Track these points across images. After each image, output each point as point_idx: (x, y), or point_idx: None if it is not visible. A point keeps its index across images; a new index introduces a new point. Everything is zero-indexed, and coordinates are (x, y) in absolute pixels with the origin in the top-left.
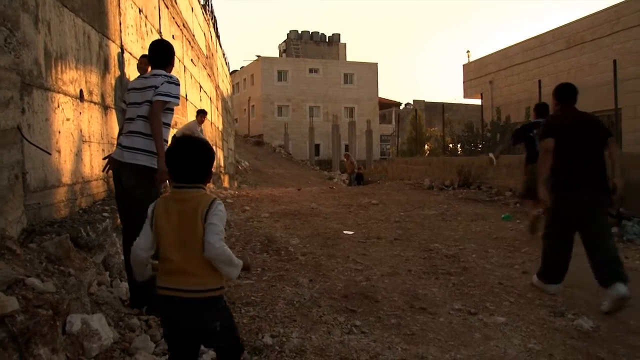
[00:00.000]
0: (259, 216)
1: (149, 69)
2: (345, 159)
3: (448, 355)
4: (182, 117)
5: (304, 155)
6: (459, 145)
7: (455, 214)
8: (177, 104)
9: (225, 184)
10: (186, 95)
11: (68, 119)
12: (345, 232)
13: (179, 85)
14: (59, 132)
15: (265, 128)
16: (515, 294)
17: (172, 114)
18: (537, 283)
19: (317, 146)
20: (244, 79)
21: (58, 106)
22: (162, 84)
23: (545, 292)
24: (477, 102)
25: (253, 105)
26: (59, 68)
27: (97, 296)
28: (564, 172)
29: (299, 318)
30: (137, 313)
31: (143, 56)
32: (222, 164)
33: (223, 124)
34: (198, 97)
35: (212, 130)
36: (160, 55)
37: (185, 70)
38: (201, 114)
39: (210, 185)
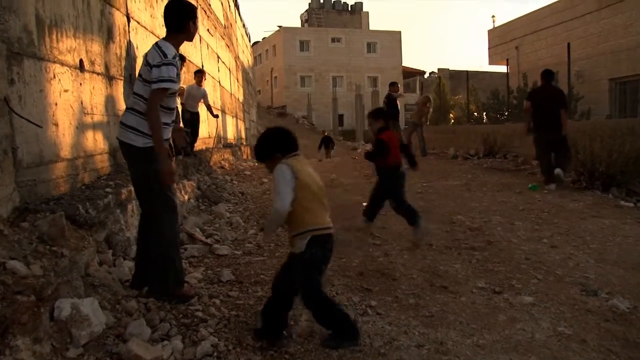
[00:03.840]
0: None
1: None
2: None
3: (470, 340)
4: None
5: (328, 126)
6: (484, 114)
7: (480, 184)
8: (177, 88)
9: (245, 155)
10: (202, 66)
11: (66, 90)
12: (365, 204)
13: (175, 64)
14: (56, 104)
15: (288, 99)
16: (543, 270)
17: (175, 97)
18: (547, 187)
19: (341, 116)
20: (266, 50)
21: (54, 77)
22: (156, 65)
23: (549, 189)
24: (503, 69)
25: (276, 77)
26: (54, 36)
27: (93, 277)
28: (537, 120)
29: None
30: (136, 295)
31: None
32: (243, 135)
33: (244, 95)
34: (216, 67)
35: (232, 101)
36: (168, 17)
37: (202, 40)
38: (199, 74)
39: (230, 157)
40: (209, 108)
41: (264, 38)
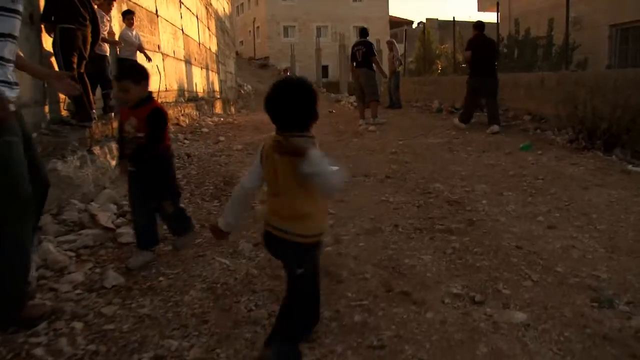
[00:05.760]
0: (230, 148)
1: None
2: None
3: None
4: (151, 36)
5: (312, 78)
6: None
7: (465, 143)
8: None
9: (218, 109)
10: (156, 10)
11: None
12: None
13: None
14: None
15: (271, 50)
16: (539, 265)
17: (12, 18)
18: (457, 123)
19: (325, 67)
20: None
21: None
22: None
23: (459, 128)
24: (493, 16)
25: (258, 27)
26: None
27: None
28: (473, 68)
29: (214, 316)
30: None
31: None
32: (216, 88)
33: (218, 45)
34: (177, 13)
35: (201, 51)
36: None
37: None
38: (128, 15)
39: (193, 112)
40: (142, 51)
41: None
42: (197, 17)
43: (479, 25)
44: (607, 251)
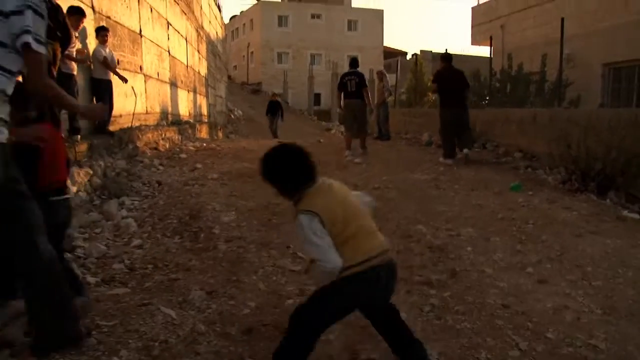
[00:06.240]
0: (205, 177)
1: None
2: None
3: None
4: (133, 56)
5: (304, 105)
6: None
7: (453, 180)
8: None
9: (203, 134)
10: (140, 30)
11: None
12: None
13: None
14: None
15: (264, 75)
16: (528, 330)
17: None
18: (442, 161)
19: (318, 95)
20: (244, 24)
21: None
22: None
23: (446, 164)
24: (486, 50)
25: (252, 52)
26: None
27: None
28: (443, 99)
29: None
30: None
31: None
32: (204, 112)
33: (209, 68)
34: (164, 35)
35: (189, 74)
36: None
37: (141, 0)
38: (101, 31)
39: (175, 136)
40: (115, 72)
41: (241, 12)
42: (185, 39)
43: (447, 57)
44: (605, 313)
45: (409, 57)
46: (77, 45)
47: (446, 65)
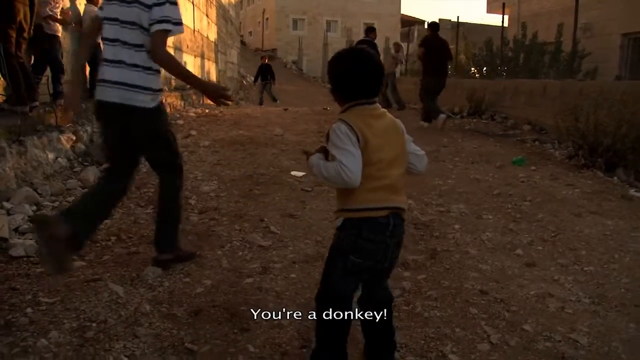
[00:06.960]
0: (197, 144)
1: None
2: None
3: None
4: None
5: (319, 72)
6: (483, 68)
7: (454, 152)
8: (182, 32)
9: (209, 100)
10: None
11: None
12: (294, 172)
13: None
14: None
15: (279, 42)
16: (504, 320)
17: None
18: (422, 124)
19: None
20: None
21: None
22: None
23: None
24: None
25: (267, 18)
26: None
27: None
28: (427, 67)
29: None
30: None
31: None
32: (213, 78)
33: (219, 34)
34: None
35: (196, 39)
36: None
37: None
38: None
39: (177, 102)
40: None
41: None
42: (192, 3)
43: (434, 25)
44: (593, 302)
45: (426, 25)
46: (63, 3)
47: (433, 34)
